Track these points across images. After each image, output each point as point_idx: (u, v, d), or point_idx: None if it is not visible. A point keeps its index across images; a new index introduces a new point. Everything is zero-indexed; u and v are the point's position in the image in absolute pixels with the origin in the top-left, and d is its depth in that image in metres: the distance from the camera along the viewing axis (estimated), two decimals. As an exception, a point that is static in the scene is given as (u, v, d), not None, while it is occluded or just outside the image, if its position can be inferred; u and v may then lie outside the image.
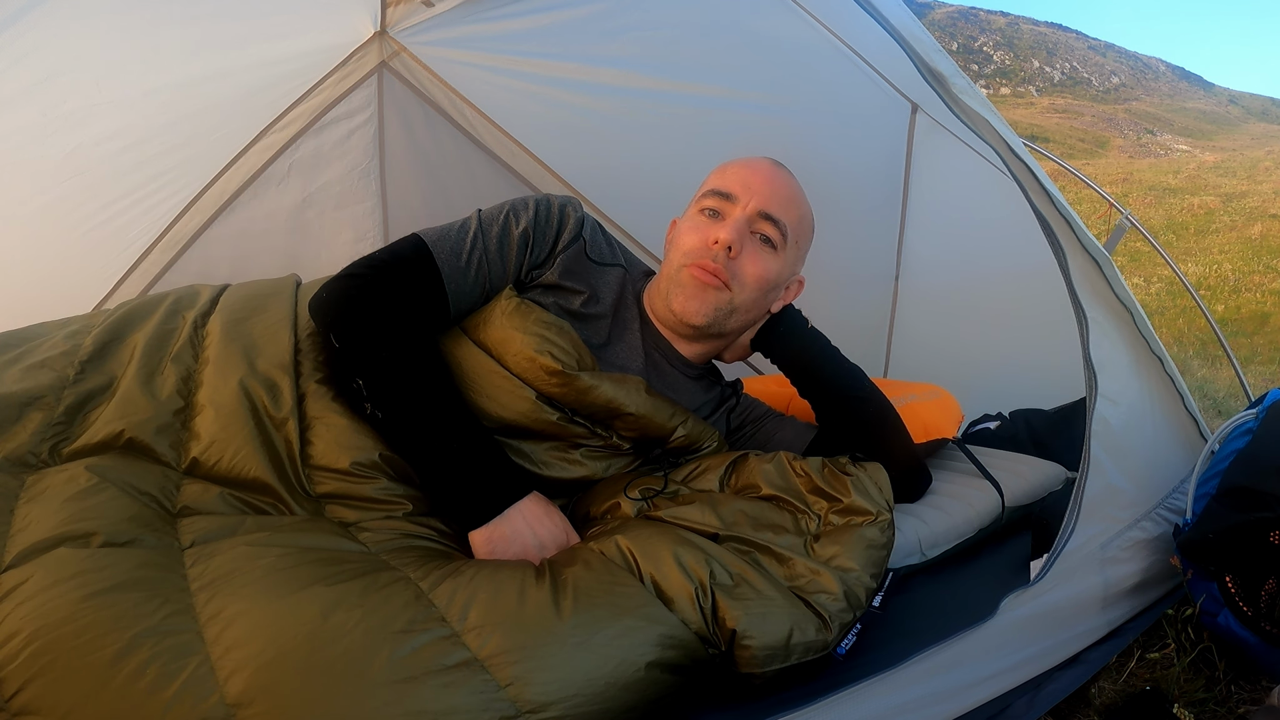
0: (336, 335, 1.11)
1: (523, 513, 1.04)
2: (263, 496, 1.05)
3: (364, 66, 2.12)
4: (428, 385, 1.09)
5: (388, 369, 1.08)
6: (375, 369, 1.08)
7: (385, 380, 1.08)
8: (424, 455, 1.07)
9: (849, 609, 0.96)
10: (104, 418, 1.07)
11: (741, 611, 0.90)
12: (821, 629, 0.93)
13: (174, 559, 0.89)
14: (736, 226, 1.22)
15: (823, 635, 0.92)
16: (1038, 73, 49.58)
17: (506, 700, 0.75)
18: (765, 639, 0.89)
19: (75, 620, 0.75)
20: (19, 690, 0.71)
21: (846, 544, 1.02)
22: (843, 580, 0.97)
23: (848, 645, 0.98)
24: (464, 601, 0.84)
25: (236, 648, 0.75)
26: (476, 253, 1.20)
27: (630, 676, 0.81)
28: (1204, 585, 1.18)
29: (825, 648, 0.93)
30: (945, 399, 1.72)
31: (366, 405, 1.08)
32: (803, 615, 0.93)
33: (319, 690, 0.72)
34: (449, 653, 0.78)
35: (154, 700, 0.70)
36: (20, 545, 0.86)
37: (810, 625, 0.92)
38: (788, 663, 0.90)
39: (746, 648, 0.88)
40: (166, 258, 2.08)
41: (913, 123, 2.38)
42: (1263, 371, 4.70)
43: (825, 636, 0.93)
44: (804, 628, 0.92)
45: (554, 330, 1.16)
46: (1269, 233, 10.14)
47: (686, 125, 2.22)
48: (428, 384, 1.09)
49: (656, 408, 1.20)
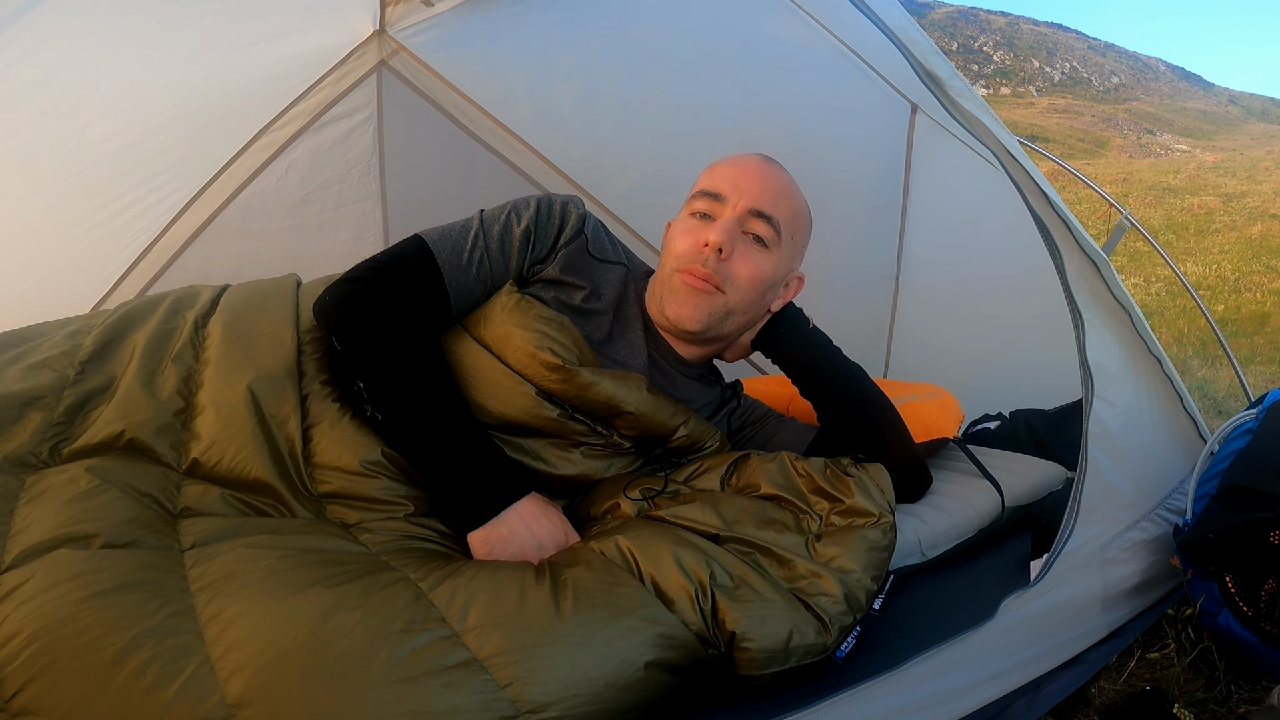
0: (339, 338, 1.12)
1: (520, 513, 1.04)
2: (263, 497, 1.05)
3: (363, 65, 2.12)
4: (427, 388, 1.09)
5: (387, 372, 1.09)
6: (375, 372, 1.09)
7: (385, 383, 1.09)
8: (423, 457, 1.08)
9: (849, 611, 0.96)
10: (104, 418, 1.07)
11: (741, 613, 0.89)
12: (821, 632, 0.93)
13: (174, 560, 0.89)
14: (726, 228, 1.21)
15: (822, 638, 0.92)
16: (1038, 73, 49.59)
17: (506, 700, 0.75)
18: (764, 641, 0.89)
19: (76, 621, 0.75)
20: (19, 690, 0.71)
21: (848, 545, 1.02)
22: (843, 582, 0.97)
23: (848, 648, 0.98)
24: (464, 602, 0.85)
25: (237, 648, 0.75)
26: (478, 251, 1.20)
27: (630, 677, 0.81)
28: (1204, 585, 1.18)
29: (825, 651, 0.93)
30: (945, 399, 1.72)
31: (367, 407, 1.10)
32: (803, 618, 0.93)
33: (319, 690, 0.72)
34: (449, 653, 0.78)
35: (154, 700, 0.70)
36: (21, 546, 0.86)
37: (810, 628, 0.92)
38: (786, 665, 0.90)
39: (745, 650, 0.88)
40: (165, 257, 2.07)
41: (913, 123, 2.38)
42: (1263, 371, 4.70)
43: (825, 640, 0.92)
44: (804, 630, 0.91)
45: (554, 326, 1.16)
46: (1269, 233, 10.14)
47: (688, 123, 2.22)
48: (427, 386, 1.10)
49: (657, 406, 1.19)
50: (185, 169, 2.03)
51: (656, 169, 2.26)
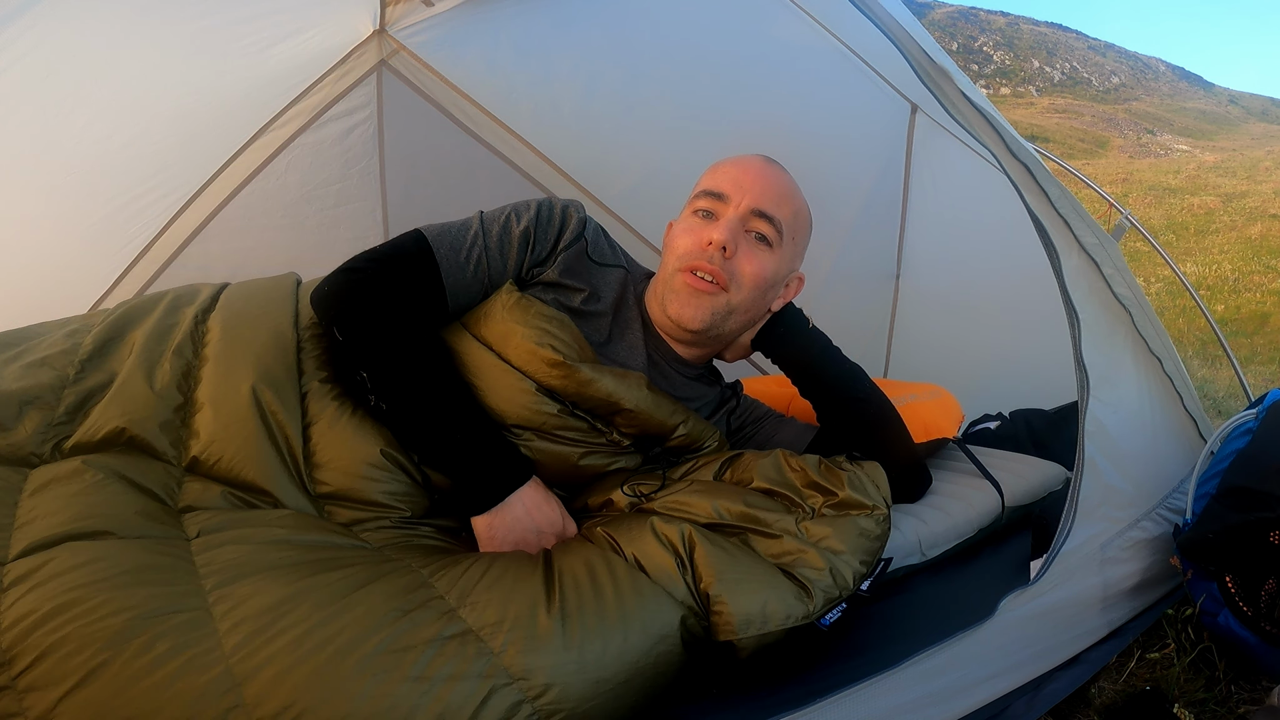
0: (340, 328, 1.12)
1: (523, 500, 1.08)
2: (263, 496, 1.05)
3: (363, 65, 2.12)
4: (431, 375, 1.11)
5: (391, 360, 1.09)
6: (378, 360, 1.10)
7: (388, 371, 1.09)
8: (428, 444, 1.10)
9: (834, 586, 0.96)
10: (105, 413, 1.07)
11: (715, 576, 0.92)
12: (803, 597, 0.93)
13: (182, 549, 0.90)
14: (730, 226, 1.21)
15: (804, 604, 0.93)
16: (1038, 73, 49.59)
17: (501, 668, 0.78)
18: (740, 604, 0.90)
19: (85, 601, 0.77)
20: (27, 668, 0.72)
21: (838, 528, 1.03)
22: (830, 560, 0.98)
23: (832, 619, 0.97)
24: (463, 584, 0.88)
25: (243, 625, 0.77)
26: (476, 249, 1.20)
27: (622, 648, 0.84)
28: (1204, 585, 1.18)
29: (807, 617, 0.93)
30: (945, 399, 1.72)
31: (371, 397, 1.11)
32: (783, 584, 0.94)
33: (325, 665, 0.74)
34: (447, 625, 0.81)
35: (161, 672, 0.72)
36: (29, 538, 0.87)
37: (789, 593, 0.93)
38: (766, 630, 0.90)
39: (719, 612, 0.90)
40: (165, 255, 2.07)
41: (912, 123, 2.38)
42: (1263, 371, 4.71)
43: (806, 606, 0.93)
44: (782, 596, 0.92)
45: (555, 324, 1.17)
46: (1269, 233, 10.15)
47: (688, 122, 2.22)
48: (431, 374, 1.11)
49: (657, 404, 1.20)
50: (185, 168, 2.03)
51: (656, 168, 2.26)
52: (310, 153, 2.15)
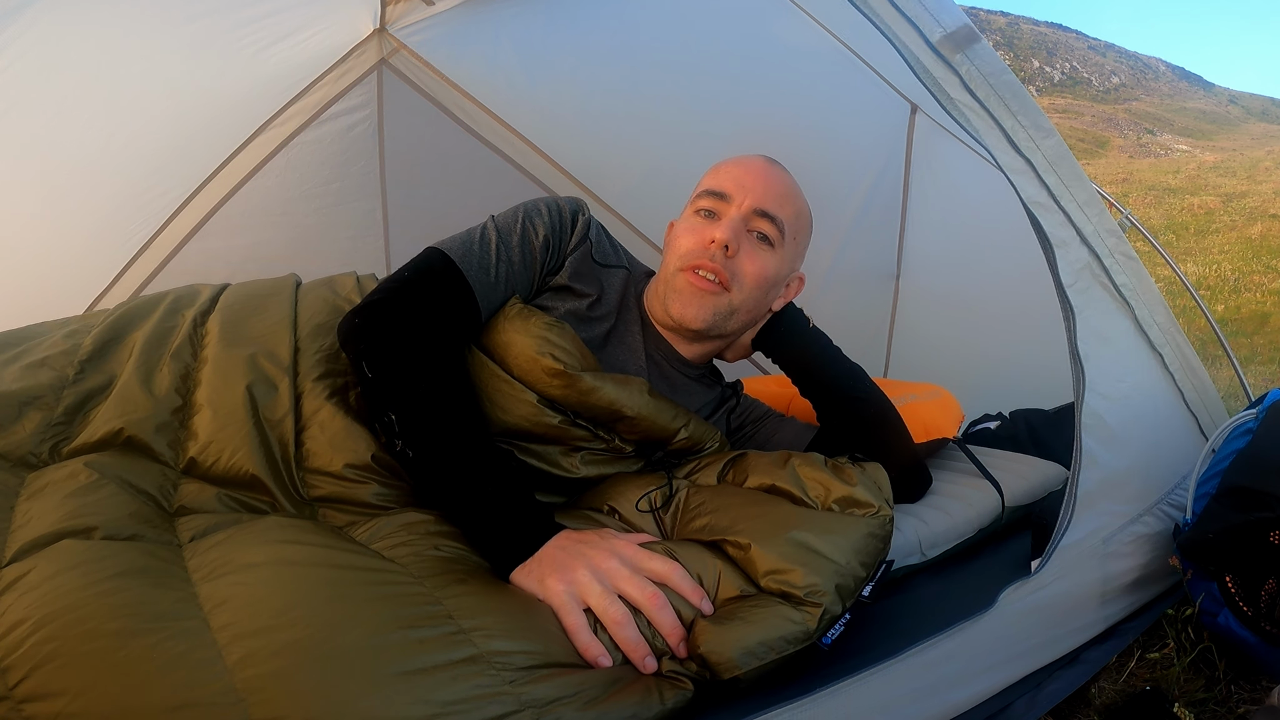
0: (370, 365, 1.04)
1: (556, 543, 0.97)
2: (260, 497, 1.04)
3: (363, 64, 2.12)
4: (462, 425, 1.02)
5: (423, 405, 1.01)
6: (410, 405, 1.01)
7: (419, 418, 1.01)
8: (456, 496, 1.00)
9: (838, 600, 0.93)
10: (103, 415, 1.07)
11: (708, 636, 0.87)
12: (803, 618, 0.90)
13: (174, 553, 0.89)
14: (732, 225, 1.21)
15: (805, 625, 0.89)
16: (1038, 73, 49.58)
17: (511, 695, 0.75)
18: (728, 651, 0.85)
19: (80, 608, 0.75)
20: (24, 678, 0.71)
21: (841, 530, 1.01)
22: (832, 572, 0.95)
23: (834, 635, 0.95)
24: (468, 600, 0.85)
25: (243, 636, 0.75)
26: (502, 265, 1.17)
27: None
28: (1204, 585, 1.18)
29: (808, 637, 0.90)
30: (945, 399, 1.71)
31: (397, 442, 1.02)
32: (778, 614, 0.90)
33: (327, 680, 0.72)
34: (455, 648, 0.78)
35: (161, 683, 0.70)
36: (21, 540, 0.86)
37: (786, 623, 0.89)
38: (767, 661, 0.86)
39: (716, 665, 0.86)
40: (163, 254, 2.08)
41: (912, 123, 2.38)
42: (1263, 371, 4.71)
43: (808, 626, 0.90)
44: (779, 626, 0.88)
45: (555, 332, 1.15)
46: (1269, 233, 10.15)
47: (688, 121, 2.22)
48: (462, 423, 1.02)
49: (658, 409, 1.19)
50: (184, 166, 2.03)
51: (657, 166, 2.26)
52: (310, 151, 2.16)
